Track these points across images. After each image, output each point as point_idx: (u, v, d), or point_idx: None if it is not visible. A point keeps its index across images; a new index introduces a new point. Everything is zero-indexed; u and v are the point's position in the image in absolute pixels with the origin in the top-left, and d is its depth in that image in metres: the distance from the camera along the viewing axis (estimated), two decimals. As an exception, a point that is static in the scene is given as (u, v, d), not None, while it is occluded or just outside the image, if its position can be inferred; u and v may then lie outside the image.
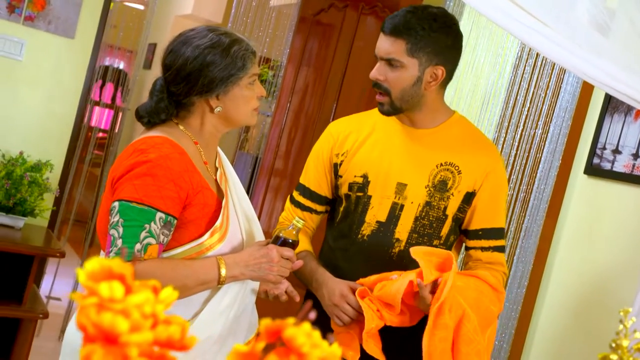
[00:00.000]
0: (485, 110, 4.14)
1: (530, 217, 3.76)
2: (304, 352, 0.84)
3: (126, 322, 0.78)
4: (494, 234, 2.58)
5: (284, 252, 2.24)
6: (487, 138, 2.69)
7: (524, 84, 3.94)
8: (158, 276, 2.06)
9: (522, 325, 3.75)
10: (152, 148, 2.15)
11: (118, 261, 0.81)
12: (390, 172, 2.53)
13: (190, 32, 2.27)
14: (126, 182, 2.11)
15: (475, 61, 4.28)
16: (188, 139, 2.26)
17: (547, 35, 2.48)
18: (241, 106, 2.28)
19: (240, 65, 2.22)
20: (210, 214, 2.21)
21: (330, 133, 2.68)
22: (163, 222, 2.10)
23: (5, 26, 4.67)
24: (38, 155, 4.71)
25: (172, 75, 2.24)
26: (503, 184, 2.61)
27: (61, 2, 4.78)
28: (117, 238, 2.06)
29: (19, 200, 4.49)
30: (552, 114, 3.77)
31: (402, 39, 2.42)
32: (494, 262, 2.58)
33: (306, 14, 5.45)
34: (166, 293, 0.89)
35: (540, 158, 3.78)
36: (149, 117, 2.27)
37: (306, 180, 2.70)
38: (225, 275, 2.15)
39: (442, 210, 2.53)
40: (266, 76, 6.12)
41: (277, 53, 5.95)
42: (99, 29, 4.92)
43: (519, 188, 3.87)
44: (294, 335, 0.83)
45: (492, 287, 2.43)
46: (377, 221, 2.54)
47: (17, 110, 4.75)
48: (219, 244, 2.21)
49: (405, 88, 2.46)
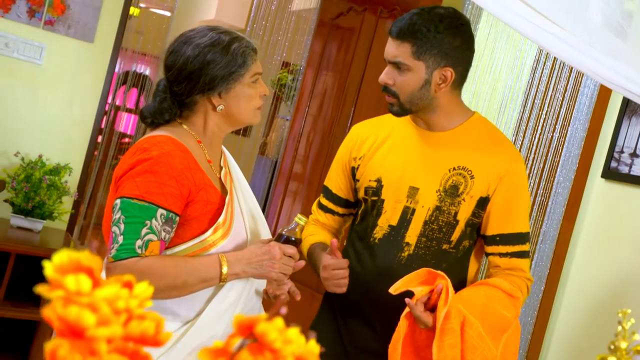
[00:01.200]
0: (503, 114, 4.11)
1: (547, 221, 3.72)
2: (276, 348, 0.83)
3: (93, 316, 0.77)
4: (512, 239, 2.49)
5: (286, 249, 2.23)
6: (506, 139, 2.59)
7: (541, 87, 3.90)
8: (159, 273, 2.08)
9: (539, 329, 3.71)
10: (154, 146, 2.16)
11: (87, 254, 0.80)
12: (403, 176, 2.50)
13: (190, 32, 2.28)
14: (128, 179, 2.12)
15: (493, 64, 4.25)
16: (191, 137, 2.27)
17: (559, 36, 2.45)
18: (243, 104, 2.28)
19: (241, 62, 2.23)
20: (213, 211, 2.22)
21: (351, 136, 2.69)
22: (164, 218, 2.10)
23: (25, 30, 4.70)
24: (57, 159, 4.74)
25: (173, 75, 2.25)
26: (521, 187, 2.51)
27: (81, 6, 4.80)
28: (118, 235, 2.07)
29: (37, 204, 4.52)
30: (569, 117, 3.74)
31: (407, 42, 2.39)
32: (514, 268, 2.50)
33: (325, 18, 5.45)
34: (140, 288, 0.88)
35: (558, 162, 3.74)
36: (152, 118, 2.28)
37: (329, 183, 2.74)
38: (226, 273, 2.15)
39: (453, 215, 2.48)
40: (285, 80, 6.12)
41: (296, 57, 5.94)
42: (118, 33, 4.94)
43: (536, 192, 3.83)
44: (266, 331, 0.82)
45: (505, 292, 2.38)
46: (389, 225, 2.52)
47: (37, 114, 4.78)
48: (222, 240, 2.20)
49: (413, 91, 2.43)
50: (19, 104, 4.73)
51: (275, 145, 6.06)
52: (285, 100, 6.13)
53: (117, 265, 2.05)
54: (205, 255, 2.18)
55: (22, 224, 4.53)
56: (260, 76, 2.33)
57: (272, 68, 6.20)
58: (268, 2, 6.05)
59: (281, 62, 6.25)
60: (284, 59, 6.13)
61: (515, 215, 2.51)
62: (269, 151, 6.14)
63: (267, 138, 6.30)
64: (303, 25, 5.85)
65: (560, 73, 3.82)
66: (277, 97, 6.31)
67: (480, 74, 4.29)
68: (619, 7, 2.56)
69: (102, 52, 4.90)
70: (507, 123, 4.08)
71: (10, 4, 4.66)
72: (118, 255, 2.06)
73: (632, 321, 1.28)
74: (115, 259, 2.06)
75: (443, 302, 2.24)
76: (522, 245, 2.52)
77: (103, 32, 4.89)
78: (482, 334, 2.29)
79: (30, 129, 4.77)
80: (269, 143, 6.15)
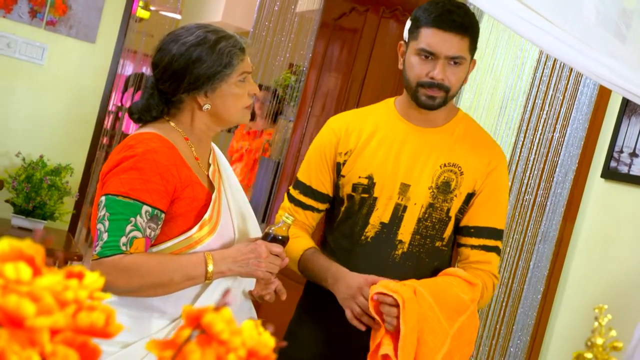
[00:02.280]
0: (504, 114, 4.08)
1: (547, 221, 3.69)
2: (224, 339, 0.81)
3: (32, 305, 0.76)
4: (487, 232, 2.52)
5: (272, 248, 2.22)
6: (489, 136, 2.63)
7: (542, 86, 3.88)
8: (145, 270, 2.07)
9: (539, 330, 3.69)
10: (139, 143, 2.15)
11: (29, 243, 0.79)
12: (395, 173, 2.49)
13: (179, 30, 2.26)
14: (113, 176, 2.11)
15: (494, 64, 4.22)
16: (178, 134, 2.25)
17: (554, 34, 2.44)
18: (230, 104, 2.26)
19: (227, 61, 2.20)
20: (199, 208, 2.20)
21: (332, 129, 2.61)
22: (149, 215, 2.09)
23: (27, 31, 4.71)
24: (59, 159, 4.74)
25: (159, 73, 2.23)
26: (504, 184, 2.56)
27: (82, 6, 4.81)
28: (103, 232, 2.06)
29: (38, 204, 4.53)
30: (569, 117, 3.71)
31: (467, 36, 2.41)
32: (483, 262, 2.51)
33: (328, 19, 5.43)
34: (91, 279, 0.86)
35: (557, 162, 3.72)
36: (139, 114, 2.27)
37: (307, 178, 2.63)
38: (212, 271, 2.13)
39: (446, 212, 2.48)
40: (288, 81, 6.11)
41: (299, 58, 5.94)
42: (120, 34, 4.94)
43: (536, 192, 3.80)
44: (213, 322, 0.81)
45: (463, 279, 2.40)
46: (381, 222, 2.50)
47: (38, 114, 4.79)
48: (208, 237, 2.18)
49: (461, 84, 2.49)
50: (20, 105, 4.74)
51: (278, 147, 6.04)
52: (289, 102, 6.12)
53: (101, 262, 2.04)
54: (191, 252, 2.16)
55: (23, 224, 4.54)
56: (249, 75, 2.30)
57: (276, 69, 6.20)
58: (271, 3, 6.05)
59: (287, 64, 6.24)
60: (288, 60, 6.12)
61: (494, 211, 2.53)
62: (272, 152, 6.13)
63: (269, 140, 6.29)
64: (306, 26, 5.84)
65: (561, 73, 3.79)
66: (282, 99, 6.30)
67: (481, 73, 4.27)
68: (615, 5, 2.54)
69: (103, 52, 4.91)
70: (508, 123, 4.06)
71: (12, 4, 4.67)
72: (102, 253, 2.05)
73: (608, 317, 1.26)
74: (99, 256, 2.05)
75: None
76: (496, 240, 2.54)
77: (105, 32, 4.89)
78: (434, 306, 2.30)
79: (31, 130, 4.78)
80: (272, 144, 6.14)
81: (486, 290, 2.49)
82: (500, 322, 3.84)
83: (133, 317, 2.13)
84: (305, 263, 2.54)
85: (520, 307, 3.74)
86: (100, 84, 4.92)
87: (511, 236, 3.85)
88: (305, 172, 2.64)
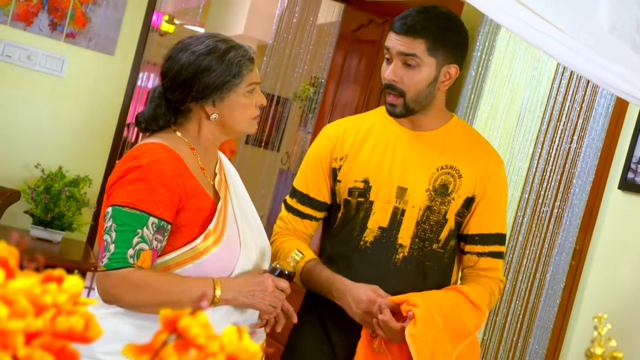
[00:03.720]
0: (521, 125, 4.06)
1: (563, 233, 3.66)
2: (200, 344, 0.81)
3: (4, 307, 0.75)
4: (491, 239, 2.53)
5: (279, 282, 2.22)
6: (486, 141, 2.64)
7: (559, 97, 3.85)
8: (154, 288, 2.07)
9: (555, 343, 3.65)
10: (145, 153, 2.15)
11: (3, 245, 0.79)
12: (391, 176, 2.48)
13: (189, 39, 2.26)
14: (119, 187, 2.11)
15: (511, 75, 4.20)
16: (184, 144, 2.25)
17: (565, 43, 2.42)
18: (238, 114, 2.25)
19: (236, 71, 2.20)
20: (204, 218, 2.19)
21: (327, 136, 2.59)
22: (156, 227, 2.08)
23: (47, 43, 4.75)
24: (77, 171, 4.76)
25: (168, 81, 2.23)
26: (503, 189, 2.57)
27: (102, 19, 4.84)
28: (110, 243, 2.06)
29: (57, 215, 4.55)
30: (586, 128, 3.68)
31: (421, 38, 2.38)
32: (490, 269, 2.53)
33: (346, 31, 5.44)
34: (70, 282, 0.86)
35: (574, 173, 3.69)
36: (146, 124, 2.27)
37: (304, 187, 2.60)
38: (219, 297, 2.13)
39: (443, 214, 2.48)
40: (307, 93, 6.11)
41: (318, 70, 5.94)
42: (139, 46, 4.97)
43: (553, 204, 3.77)
44: (188, 326, 0.80)
45: (472, 302, 2.41)
46: (379, 227, 2.48)
47: (57, 126, 4.82)
48: (213, 247, 2.17)
49: (421, 88, 2.42)
50: (40, 116, 4.78)
51: (297, 158, 6.04)
52: (308, 113, 6.12)
53: (110, 274, 2.04)
54: (199, 276, 2.16)
55: (42, 235, 4.56)
56: (257, 86, 2.30)
57: (294, 81, 6.20)
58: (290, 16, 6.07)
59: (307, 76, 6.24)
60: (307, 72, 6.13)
61: (496, 216, 2.55)
62: (290, 164, 6.13)
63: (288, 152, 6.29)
64: (325, 38, 5.85)
65: (578, 83, 3.76)
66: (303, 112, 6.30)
67: (499, 85, 4.25)
68: (629, 14, 2.51)
69: (122, 64, 4.93)
70: (525, 134, 4.03)
71: (32, 17, 4.71)
72: (110, 265, 2.04)
73: (608, 326, 1.24)
74: (107, 268, 2.04)
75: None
76: (500, 245, 2.55)
77: (124, 45, 4.92)
78: (443, 328, 2.31)
79: (50, 141, 4.81)
80: (291, 156, 6.14)
81: (493, 296, 2.53)
82: (517, 335, 3.81)
83: (138, 327, 2.12)
84: (307, 275, 2.51)
85: (537, 320, 3.71)
86: (119, 96, 4.94)
87: (528, 248, 3.82)
88: (302, 180, 2.61)
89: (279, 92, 6.30)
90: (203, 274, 2.17)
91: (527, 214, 3.86)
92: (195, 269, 2.16)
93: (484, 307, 2.44)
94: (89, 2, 4.80)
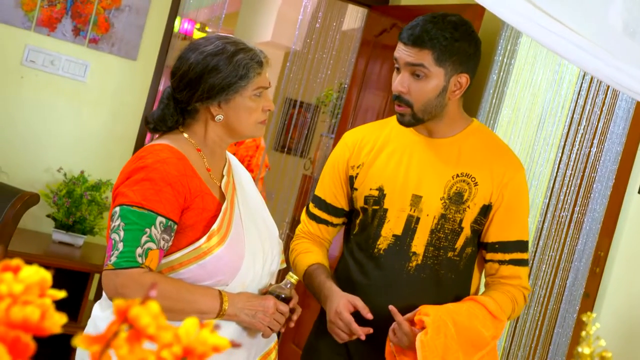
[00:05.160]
0: (542, 129, 4.01)
1: (583, 238, 3.61)
2: (151, 334, 0.79)
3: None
4: (512, 246, 2.49)
5: (280, 306, 2.24)
6: (506, 147, 2.59)
7: (580, 101, 3.80)
8: (162, 292, 2.07)
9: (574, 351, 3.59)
10: (150, 154, 2.16)
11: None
12: (406, 184, 2.46)
13: (199, 40, 2.27)
14: (125, 188, 2.12)
15: (533, 78, 4.16)
16: (191, 146, 2.25)
17: (577, 43, 2.38)
18: (243, 117, 2.24)
19: (243, 73, 2.19)
20: (208, 219, 2.19)
21: (346, 143, 2.61)
22: (163, 226, 2.09)
23: (70, 48, 4.79)
24: (99, 175, 4.79)
25: (176, 81, 2.24)
26: (522, 195, 2.51)
27: (125, 24, 4.87)
28: (118, 241, 2.06)
29: (78, 219, 4.58)
30: (606, 132, 3.63)
31: (427, 49, 2.35)
32: (512, 277, 2.49)
33: (369, 36, 5.42)
34: (27, 272, 0.85)
35: (594, 177, 3.63)
36: (154, 124, 2.28)
37: (322, 192, 2.63)
38: (226, 309, 2.16)
39: (458, 222, 2.45)
40: (330, 98, 6.10)
41: (341, 75, 5.94)
42: (161, 51, 4.99)
43: (573, 209, 3.72)
44: (138, 315, 0.79)
45: (490, 312, 2.38)
46: (394, 235, 2.47)
47: (80, 131, 4.85)
48: (217, 247, 2.16)
49: (430, 99, 2.39)
50: (62, 121, 4.81)
51: (319, 164, 6.03)
52: (331, 119, 6.11)
53: (119, 273, 2.04)
54: (206, 287, 2.17)
55: (64, 239, 4.59)
56: (265, 90, 2.29)
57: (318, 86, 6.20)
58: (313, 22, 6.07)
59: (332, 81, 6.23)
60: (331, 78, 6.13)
61: (516, 223, 2.50)
62: (313, 169, 6.12)
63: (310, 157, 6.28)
64: (348, 44, 5.85)
65: (599, 87, 3.71)
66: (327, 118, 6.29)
67: (520, 89, 4.20)
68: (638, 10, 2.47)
69: (145, 70, 4.96)
70: (546, 139, 3.98)
71: (56, 23, 4.75)
72: (119, 263, 2.04)
73: (597, 325, 1.21)
74: (116, 267, 2.04)
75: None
76: (522, 253, 2.50)
77: (146, 50, 4.95)
78: (456, 337, 2.29)
79: (73, 145, 4.84)
80: (314, 161, 6.13)
81: (517, 304, 2.48)
82: (536, 341, 3.76)
83: None
84: (307, 279, 2.56)
85: (557, 327, 3.66)
86: (141, 101, 4.97)
87: (548, 254, 3.77)
88: (321, 187, 2.65)
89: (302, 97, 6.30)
90: (207, 275, 2.17)
91: (547, 219, 3.81)
92: (199, 269, 2.17)
93: (503, 317, 2.41)
94: (111, 7, 4.83)
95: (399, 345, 2.33)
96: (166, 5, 4.97)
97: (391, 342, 2.35)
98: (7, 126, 4.69)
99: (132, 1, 4.86)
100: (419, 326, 2.30)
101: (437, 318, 2.28)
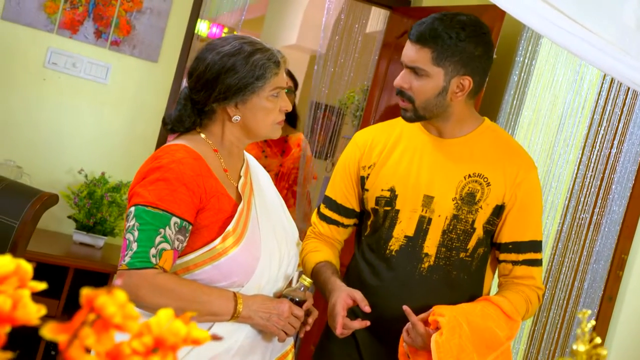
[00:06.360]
0: (562, 131, 3.97)
1: (601, 240, 3.56)
2: (117, 323, 0.79)
3: None
4: (526, 247, 2.46)
5: (295, 310, 2.23)
6: (519, 146, 2.55)
7: (600, 101, 3.76)
8: (176, 293, 2.07)
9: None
10: (166, 154, 2.16)
11: None
12: (417, 185, 2.44)
13: (217, 40, 2.26)
14: (141, 188, 2.12)
15: (553, 79, 4.12)
16: (208, 146, 2.25)
17: (591, 42, 2.36)
18: (260, 117, 2.24)
19: (260, 74, 2.19)
20: (224, 219, 2.18)
21: (357, 144, 2.59)
22: (178, 227, 2.09)
23: (92, 51, 4.81)
24: (120, 176, 4.81)
25: (193, 81, 2.24)
26: (535, 194, 2.47)
27: (146, 26, 4.89)
28: (132, 242, 2.06)
29: (99, 220, 4.59)
30: (625, 133, 3.58)
31: (427, 48, 2.32)
32: (525, 277, 2.46)
33: (390, 38, 5.40)
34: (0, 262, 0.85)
35: (613, 179, 3.59)
36: (172, 125, 2.29)
37: (333, 193, 2.62)
38: (240, 312, 2.15)
39: (470, 223, 2.42)
40: (352, 100, 6.09)
41: (363, 77, 5.93)
42: (182, 53, 5.00)
43: (592, 211, 3.68)
44: (104, 304, 0.78)
45: (504, 312, 2.36)
46: (406, 236, 2.45)
47: (101, 132, 4.88)
48: (233, 248, 2.16)
49: (429, 98, 2.36)
50: (84, 122, 4.84)
51: (340, 166, 6.02)
52: (353, 120, 6.10)
53: (132, 273, 2.03)
54: (221, 289, 2.16)
55: (84, 240, 4.61)
56: (283, 90, 2.27)
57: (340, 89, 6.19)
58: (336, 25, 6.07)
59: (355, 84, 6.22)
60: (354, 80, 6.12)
61: (530, 223, 2.46)
62: (334, 171, 6.10)
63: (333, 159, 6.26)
64: (370, 46, 5.84)
65: (620, 87, 3.67)
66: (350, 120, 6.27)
67: (541, 90, 4.17)
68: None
69: (166, 71, 4.97)
70: (566, 140, 3.94)
71: (78, 25, 4.78)
72: (132, 264, 2.04)
73: (592, 323, 1.19)
74: (129, 267, 2.04)
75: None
76: (535, 253, 2.48)
77: (167, 52, 4.96)
78: (470, 337, 2.27)
79: (94, 147, 4.86)
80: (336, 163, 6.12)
81: (531, 305, 2.46)
82: (554, 344, 3.72)
83: None
84: (315, 277, 2.53)
85: (574, 329, 3.62)
86: (162, 103, 4.98)
87: (567, 256, 3.73)
88: (332, 188, 2.64)
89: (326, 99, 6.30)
90: (222, 276, 2.16)
91: (567, 221, 3.77)
92: (214, 270, 2.16)
93: (517, 318, 2.39)
94: (133, 10, 4.85)
95: (412, 346, 2.31)
96: (187, 8, 4.99)
97: (405, 343, 2.33)
98: (29, 128, 4.72)
99: (154, 4, 4.88)
100: (432, 327, 2.28)
101: (452, 318, 2.26)
